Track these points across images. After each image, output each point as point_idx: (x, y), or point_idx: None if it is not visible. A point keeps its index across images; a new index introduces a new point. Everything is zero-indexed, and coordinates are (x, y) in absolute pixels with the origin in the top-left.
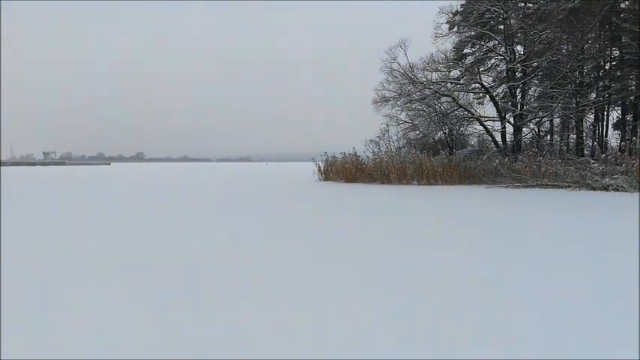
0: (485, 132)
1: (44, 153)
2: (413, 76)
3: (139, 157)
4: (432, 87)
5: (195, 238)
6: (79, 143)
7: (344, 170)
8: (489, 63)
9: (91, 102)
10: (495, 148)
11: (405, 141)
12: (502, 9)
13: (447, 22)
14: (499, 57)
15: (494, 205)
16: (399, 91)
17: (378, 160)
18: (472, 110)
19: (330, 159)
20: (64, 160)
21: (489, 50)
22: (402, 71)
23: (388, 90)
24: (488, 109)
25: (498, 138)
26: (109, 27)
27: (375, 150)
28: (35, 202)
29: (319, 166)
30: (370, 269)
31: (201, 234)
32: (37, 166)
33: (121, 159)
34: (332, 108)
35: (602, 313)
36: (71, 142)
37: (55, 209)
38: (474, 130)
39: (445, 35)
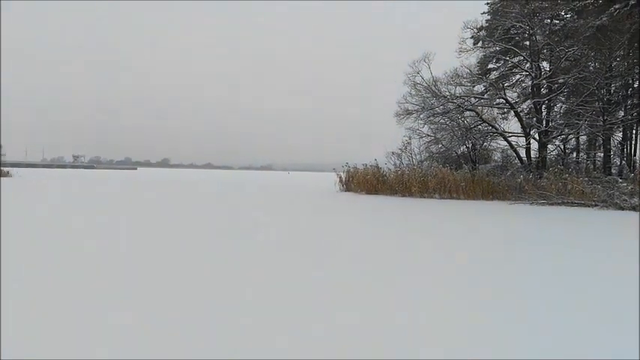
0: (509, 147)
1: (74, 156)
2: (436, 90)
3: (164, 163)
4: (455, 101)
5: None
6: (107, 147)
7: (365, 182)
8: (514, 78)
9: (120, 107)
10: (519, 164)
11: (427, 154)
12: (528, 25)
13: (472, 37)
14: (524, 73)
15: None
16: (422, 105)
17: (399, 172)
18: (496, 125)
19: (352, 170)
20: (93, 164)
21: (514, 66)
22: (426, 85)
23: (411, 103)
24: (512, 125)
25: (523, 154)
26: (137, 33)
27: (397, 162)
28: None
29: (340, 177)
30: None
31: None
32: (67, 169)
33: (147, 164)
34: (354, 119)
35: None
36: (100, 146)
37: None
38: (498, 146)
39: (469, 50)
